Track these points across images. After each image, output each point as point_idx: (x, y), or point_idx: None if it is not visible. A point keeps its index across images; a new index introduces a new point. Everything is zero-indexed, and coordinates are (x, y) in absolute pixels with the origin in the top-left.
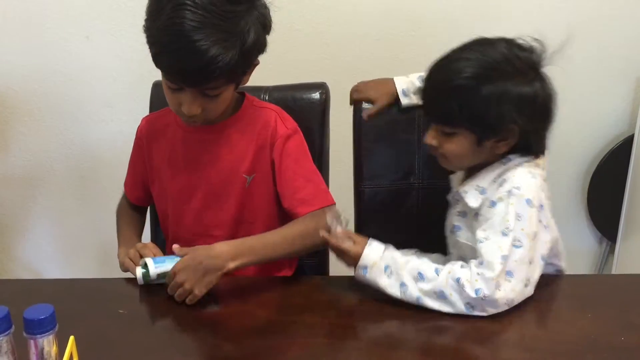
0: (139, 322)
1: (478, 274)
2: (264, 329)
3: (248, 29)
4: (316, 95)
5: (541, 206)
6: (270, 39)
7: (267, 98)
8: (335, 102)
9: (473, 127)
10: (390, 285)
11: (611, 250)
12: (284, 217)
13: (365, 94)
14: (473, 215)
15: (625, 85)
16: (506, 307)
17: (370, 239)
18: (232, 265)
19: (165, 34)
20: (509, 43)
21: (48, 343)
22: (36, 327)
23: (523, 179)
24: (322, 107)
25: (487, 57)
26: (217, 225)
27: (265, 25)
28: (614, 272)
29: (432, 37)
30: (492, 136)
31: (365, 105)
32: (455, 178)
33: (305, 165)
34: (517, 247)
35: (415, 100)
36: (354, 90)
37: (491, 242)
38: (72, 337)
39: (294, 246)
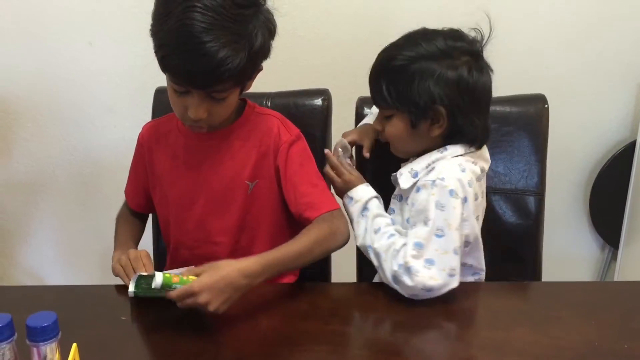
0: (141, 329)
1: (403, 255)
2: (266, 336)
3: (256, 33)
4: (318, 102)
5: (465, 199)
6: (272, 44)
7: (269, 104)
8: (338, 108)
9: (403, 107)
10: (357, 223)
11: (614, 257)
12: (288, 223)
13: (351, 137)
14: (405, 199)
15: (627, 91)
16: (427, 295)
17: (367, 182)
18: (258, 281)
19: (174, 36)
20: (449, 33)
21: (51, 350)
22: (39, 335)
23: (450, 171)
24: (325, 113)
25: (419, 43)
26: (219, 231)
27: (270, 30)
28: (616, 278)
29: None
30: (421, 117)
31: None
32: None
33: (310, 170)
34: (438, 236)
35: None
36: (344, 135)
37: (414, 228)
38: (74, 345)
39: (313, 253)
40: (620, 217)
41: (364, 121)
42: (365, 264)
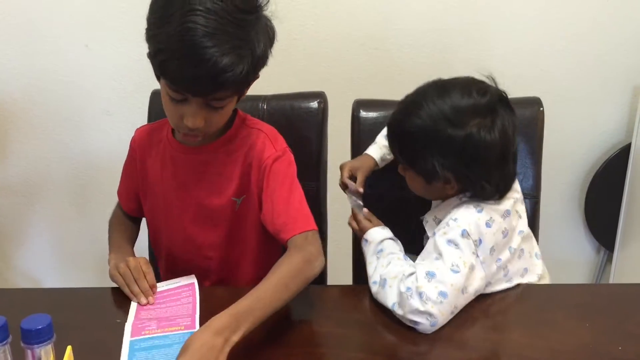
0: None
1: (413, 280)
2: (262, 338)
3: (258, 39)
4: (314, 105)
5: (479, 240)
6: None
7: (265, 107)
8: (334, 111)
9: (414, 169)
10: (369, 264)
11: (609, 259)
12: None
13: (349, 166)
14: None
15: (622, 94)
16: (427, 324)
17: (384, 226)
18: (236, 338)
19: (175, 40)
20: (461, 89)
21: (45, 353)
22: (33, 337)
23: (464, 212)
24: (321, 116)
25: (427, 106)
26: (209, 246)
27: (270, 38)
28: (611, 281)
29: (429, 46)
30: (432, 179)
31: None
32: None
33: (290, 188)
34: (455, 272)
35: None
36: (341, 167)
37: (424, 262)
38: (69, 347)
39: (291, 289)
40: (615, 220)
41: (367, 151)
42: (362, 267)
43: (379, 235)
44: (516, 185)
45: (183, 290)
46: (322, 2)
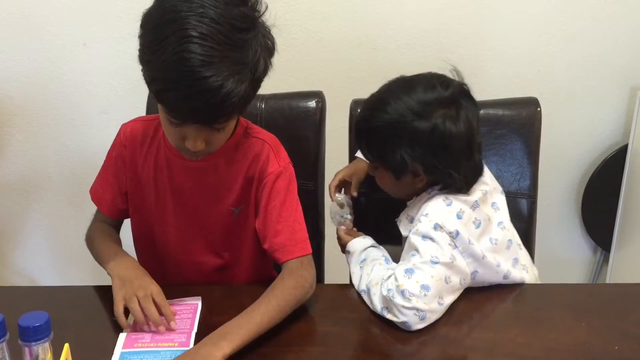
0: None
1: (392, 281)
2: (258, 337)
3: (257, 58)
4: (312, 104)
5: (456, 232)
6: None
7: (263, 106)
8: (331, 111)
9: (383, 165)
10: (353, 274)
11: (605, 260)
12: None
13: (341, 174)
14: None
15: (619, 95)
16: (417, 319)
17: (365, 235)
18: (228, 351)
19: (171, 70)
20: (425, 83)
21: (43, 350)
22: (31, 335)
23: (433, 207)
24: (318, 116)
25: (394, 103)
26: (203, 252)
27: (270, 50)
28: (608, 281)
29: (427, 46)
30: (401, 173)
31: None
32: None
33: (291, 208)
34: (434, 262)
35: None
36: (336, 175)
37: (402, 263)
38: (66, 345)
39: (283, 313)
40: (612, 220)
41: (358, 154)
42: None
43: (359, 245)
44: (486, 178)
45: (185, 309)
46: (321, 2)
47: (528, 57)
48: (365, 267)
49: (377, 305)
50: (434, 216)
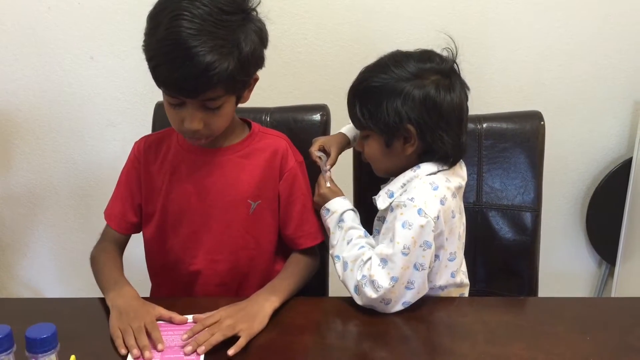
0: None
1: (368, 267)
2: (263, 348)
3: (244, 38)
4: (317, 117)
5: (437, 217)
6: (271, 60)
7: (268, 119)
8: (336, 124)
9: (375, 127)
10: (332, 234)
11: (610, 273)
12: (281, 246)
13: (321, 140)
14: (384, 220)
15: (623, 108)
16: (383, 306)
17: (345, 196)
18: (274, 297)
19: (163, 45)
20: (420, 55)
21: None
22: (38, 346)
23: (420, 190)
24: (323, 129)
25: (391, 66)
26: (219, 249)
27: (262, 39)
28: (613, 294)
29: None
30: (393, 136)
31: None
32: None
33: (310, 199)
34: (404, 254)
35: None
36: (313, 141)
37: (381, 245)
38: (73, 356)
39: (303, 284)
40: (617, 234)
41: (342, 129)
42: None
43: (340, 206)
44: (464, 172)
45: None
46: (326, 15)
47: (532, 70)
48: (343, 231)
49: (351, 284)
50: (419, 201)
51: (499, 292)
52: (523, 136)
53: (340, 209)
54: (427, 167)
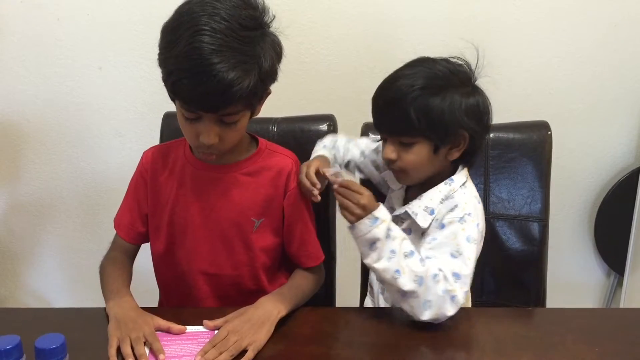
0: None
1: (450, 283)
2: (270, 358)
3: (264, 54)
4: (324, 127)
5: (478, 225)
6: (279, 68)
7: (275, 129)
8: (343, 134)
9: (430, 134)
10: (383, 244)
11: (619, 283)
12: (283, 262)
13: (314, 165)
14: (420, 234)
15: (631, 117)
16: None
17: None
18: (282, 306)
19: (184, 60)
20: (447, 61)
21: None
22: (47, 356)
23: (472, 206)
24: None
25: (433, 70)
26: (222, 265)
27: (277, 53)
28: (622, 305)
29: None
30: (446, 142)
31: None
32: (394, 197)
33: (312, 219)
34: (468, 265)
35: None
36: (303, 166)
37: (441, 260)
38: None
39: (305, 298)
40: (625, 244)
41: (318, 152)
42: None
43: (387, 213)
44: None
45: (204, 334)
46: (333, 25)
47: (539, 80)
48: (397, 242)
49: (424, 298)
50: (475, 216)
51: (506, 302)
52: (530, 146)
53: (388, 217)
54: (458, 178)
